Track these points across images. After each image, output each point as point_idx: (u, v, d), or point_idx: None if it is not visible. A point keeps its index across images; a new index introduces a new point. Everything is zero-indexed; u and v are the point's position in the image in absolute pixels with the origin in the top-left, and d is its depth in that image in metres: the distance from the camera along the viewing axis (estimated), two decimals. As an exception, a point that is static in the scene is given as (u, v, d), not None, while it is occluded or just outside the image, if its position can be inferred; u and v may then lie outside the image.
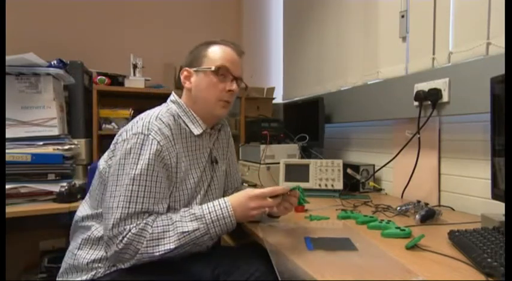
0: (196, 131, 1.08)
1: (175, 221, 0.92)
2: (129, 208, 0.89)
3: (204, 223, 0.91)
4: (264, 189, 0.96)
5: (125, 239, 0.87)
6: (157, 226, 0.90)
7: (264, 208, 0.97)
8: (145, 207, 0.91)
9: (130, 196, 0.90)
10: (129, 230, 0.87)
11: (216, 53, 1.08)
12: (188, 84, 1.10)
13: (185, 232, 0.90)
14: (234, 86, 1.07)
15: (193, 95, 1.09)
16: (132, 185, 0.91)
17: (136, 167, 0.92)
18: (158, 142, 0.96)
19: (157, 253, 0.88)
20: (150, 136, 0.96)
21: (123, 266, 0.94)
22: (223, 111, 1.10)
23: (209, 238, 0.93)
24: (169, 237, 0.89)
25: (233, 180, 1.32)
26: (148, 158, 0.93)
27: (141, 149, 0.94)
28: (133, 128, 0.99)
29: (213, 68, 1.05)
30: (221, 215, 0.92)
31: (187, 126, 1.07)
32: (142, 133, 0.96)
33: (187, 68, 1.11)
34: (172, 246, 0.88)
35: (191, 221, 0.92)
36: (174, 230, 0.90)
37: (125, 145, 0.96)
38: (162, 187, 0.96)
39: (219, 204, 0.94)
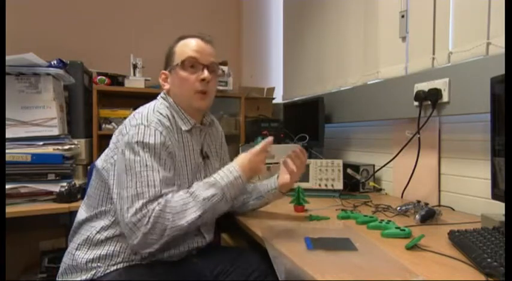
0: (185, 127, 1.08)
1: (193, 192, 0.95)
2: (148, 191, 0.90)
3: (219, 187, 0.96)
4: (258, 145, 1.04)
5: (152, 218, 0.87)
6: (177, 201, 0.92)
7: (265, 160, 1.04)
8: (159, 189, 0.91)
9: (147, 181, 0.91)
10: (153, 210, 0.88)
11: (181, 47, 1.09)
12: (167, 85, 1.12)
13: (205, 198, 0.94)
14: (205, 74, 1.06)
15: (173, 94, 1.11)
16: (146, 171, 0.92)
17: (145, 154, 0.93)
18: (161, 132, 0.97)
19: (186, 223, 0.90)
20: (151, 127, 0.96)
21: (122, 265, 0.94)
22: (201, 103, 1.09)
23: (225, 202, 0.96)
24: (192, 207, 0.92)
25: None
26: (155, 147, 0.94)
27: (143, 137, 0.94)
28: (131, 122, 0.99)
29: (179, 63, 1.06)
30: (232, 177, 0.98)
31: (176, 121, 1.08)
32: (142, 124, 0.97)
33: (163, 71, 1.13)
34: (197, 213, 0.92)
35: (207, 189, 0.95)
36: (194, 199, 0.93)
37: (126, 138, 0.96)
38: (171, 170, 0.98)
39: (228, 169, 1.00)
